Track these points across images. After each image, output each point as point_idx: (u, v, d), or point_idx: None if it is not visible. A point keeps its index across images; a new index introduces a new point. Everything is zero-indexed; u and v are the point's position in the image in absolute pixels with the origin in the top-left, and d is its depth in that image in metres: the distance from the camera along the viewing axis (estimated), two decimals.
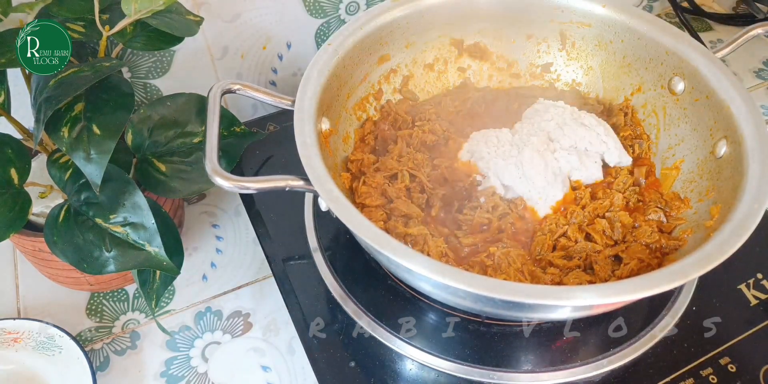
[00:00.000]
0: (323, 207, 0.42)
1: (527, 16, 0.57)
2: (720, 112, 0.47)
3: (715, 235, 0.39)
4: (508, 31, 0.58)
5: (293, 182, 0.40)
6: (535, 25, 0.58)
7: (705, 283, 0.51)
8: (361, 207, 0.49)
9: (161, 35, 0.48)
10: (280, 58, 0.68)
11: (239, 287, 0.58)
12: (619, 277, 0.46)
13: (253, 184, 0.39)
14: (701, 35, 0.83)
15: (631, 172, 0.53)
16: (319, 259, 0.54)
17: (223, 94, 0.42)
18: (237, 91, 0.44)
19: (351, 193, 0.51)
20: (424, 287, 0.43)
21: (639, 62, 0.55)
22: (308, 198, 0.57)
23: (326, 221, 0.54)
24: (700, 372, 0.47)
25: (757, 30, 0.51)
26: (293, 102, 0.45)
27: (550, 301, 0.35)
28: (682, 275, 0.36)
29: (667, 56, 0.52)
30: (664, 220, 0.50)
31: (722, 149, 0.47)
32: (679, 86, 0.52)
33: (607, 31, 0.55)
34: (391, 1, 0.52)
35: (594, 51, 0.58)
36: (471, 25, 0.57)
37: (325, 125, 0.47)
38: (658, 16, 0.54)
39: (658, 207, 0.50)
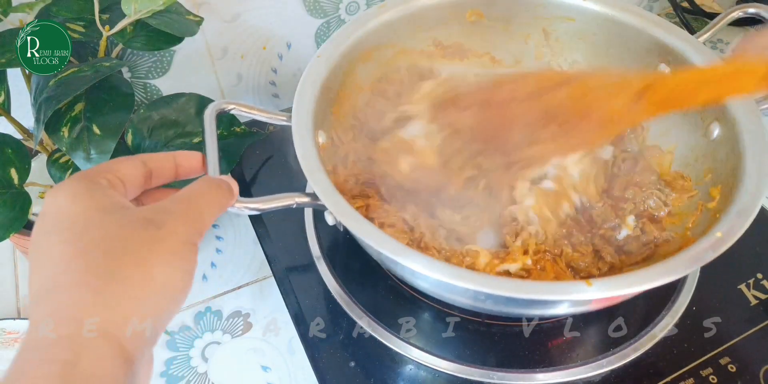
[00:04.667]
0: (330, 221, 0.41)
1: (510, 14, 0.57)
2: None
3: (723, 216, 0.39)
4: (491, 30, 0.58)
5: (300, 199, 0.40)
6: (517, 23, 0.58)
7: (705, 283, 0.51)
8: None
9: (161, 35, 0.48)
10: (280, 58, 0.68)
11: (239, 287, 0.58)
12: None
13: (259, 206, 0.38)
14: None
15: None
16: (319, 259, 0.54)
17: (217, 115, 0.42)
18: (231, 111, 0.43)
19: None
20: (443, 293, 0.43)
21: (624, 52, 0.55)
22: None
23: (326, 222, 0.54)
24: (700, 372, 0.47)
25: (738, 12, 0.52)
26: (288, 118, 0.44)
27: (567, 296, 0.35)
28: (697, 260, 0.36)
29: (651, 44, 0.52)
30: (662, 205, 0.50)
31: (715, 131, 0.47)
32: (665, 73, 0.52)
33: (590, 24, 0.55)
34: (378, 8, 0.52)
35: (578, 44, 0.58)
36: (455, 27, 0.57)
37: (322, 138, 0.47)
38: (658, 16, 0.53)
39: (658, 189, 0.50)
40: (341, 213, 0.39)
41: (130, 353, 0.26)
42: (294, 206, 0.40)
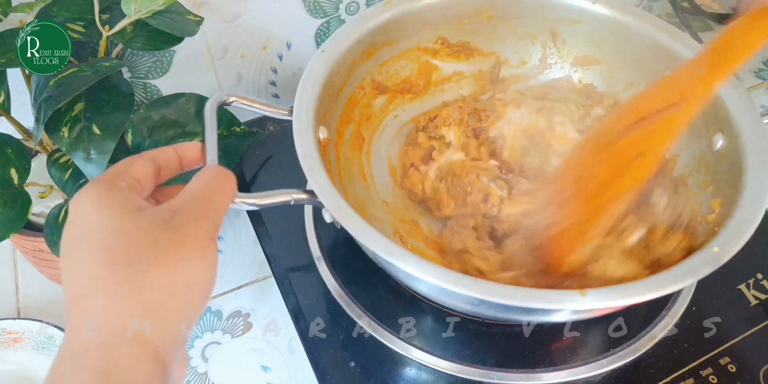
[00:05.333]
0: (327, 218, 0.41)
1: (517, 14, 0.57)
2: (714, 105, 0.47)
3: (721, 230, 0.39)
4: (498, 30, 0.58)
5: (297, 195, 0.40)
6: (524, 23, 0.58)
7: (705, 283, 0.51)
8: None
9: (161, 35, 0.48)
10: (280, 58, 0.68)
11: (239, 287, 0.58)
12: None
13: (256, 201, 0.38)
14: (701, 35, 0.83)
15: None
16: (319, 259, 0.54)
17: (218, 107, 0.42)
18: (232, 104, 0.43)
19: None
20: (438, 297, 0.43)
21: (630, 58, 0.55)
22: None
23: (326, 222, 0.55)
24: (700, 372, 0.47)
25: None
26: (290, 112, 0.44)
27: (560, 306, 0.35)
28: (693, 273, 0.37)
29: (658, 52, 0.52)
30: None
31: (718, 143, 0.47)
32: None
33: (598, 28, 0.55)
34: (383, 4, 0.52)
35: (585, 48, 0.58)
36: (461, 26, 0.57)
37: (323, 134, 0.47)
38: (658, 16, 0.53)
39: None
40: (337, 210, 0.39)
41: (164, 356, 0.26)
42: (291, 203, 0.40)
